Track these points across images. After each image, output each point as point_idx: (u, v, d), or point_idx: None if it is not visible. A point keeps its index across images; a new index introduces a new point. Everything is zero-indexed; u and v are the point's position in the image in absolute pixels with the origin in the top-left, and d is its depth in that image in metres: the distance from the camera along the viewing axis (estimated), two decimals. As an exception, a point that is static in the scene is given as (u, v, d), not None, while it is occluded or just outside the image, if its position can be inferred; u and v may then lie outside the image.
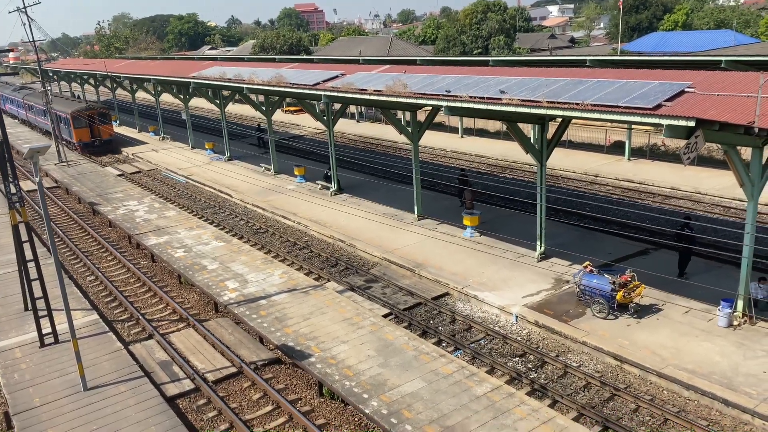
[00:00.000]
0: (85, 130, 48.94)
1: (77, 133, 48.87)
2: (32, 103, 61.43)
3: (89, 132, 49.01)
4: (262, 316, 19.61)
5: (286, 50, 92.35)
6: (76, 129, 48.69)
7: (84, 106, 49.71)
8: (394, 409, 14.43)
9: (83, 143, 49.31)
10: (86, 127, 48.76)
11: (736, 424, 13.94)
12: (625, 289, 17.99)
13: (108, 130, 49.98)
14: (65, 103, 53.54)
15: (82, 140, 49.04)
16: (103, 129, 49.23)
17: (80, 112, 48.48)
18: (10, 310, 21.02)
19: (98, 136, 49.38)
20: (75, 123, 48.43)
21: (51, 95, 52.20)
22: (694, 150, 14.67)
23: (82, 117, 48.37)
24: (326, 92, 26.95)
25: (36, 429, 14.51)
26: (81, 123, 48.56)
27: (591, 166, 35.91)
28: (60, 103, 52.98)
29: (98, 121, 48.47)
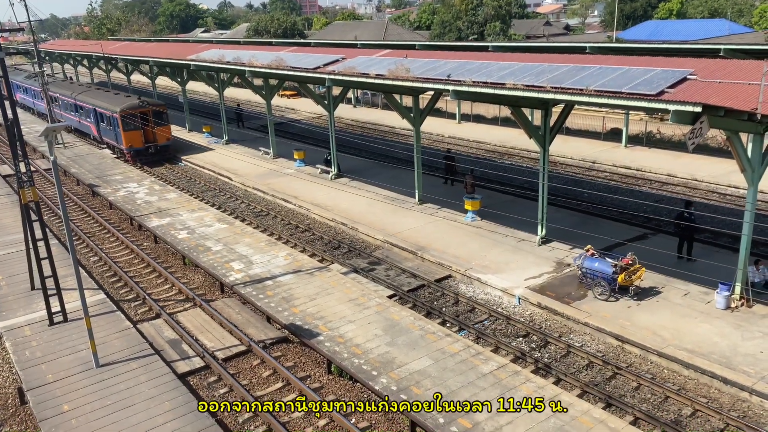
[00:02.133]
0: (137, 134, 38.80)
1: (127, 138, 38.54)
2: (57, 93, 50.30)
3: (142, 136, 39.10)
4: (269, 296, 19.88)
5: (281, 34, 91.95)
6: (126, 132, 38.33)
7: (136, 103, 38.73)
8: (403, 385, 14.79)
9: (134, 150, 39.15)
10: (138, 129, 38.68)
11: (734, 401, 14.43)
12: (626, 272, 18.40)
13: (165, 132, 39.85)
14: (109, 97, 42.15)
15: (132, 146, 38.84)
16: (159, 132, 39.39)
17: (131, 110, 38.18)
18: (16, 290, 21.16)
19: (153, 140, 39.59)
20: (125, 124, 38.07)
21: (87, 85, 48.06)
22: (699, 135, 15.00)
23: (133, 117, 38.20)
24: (330, 76, 27.04)
25: (51, 404, 14.76)
26: (132, 124, 38.39)
27: (588, 153, 36.30)
28: (102, 98, 42.37)
29: (153, 122, 38.94)
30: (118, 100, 40.28)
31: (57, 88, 51.51)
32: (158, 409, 14.38)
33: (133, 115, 38.20)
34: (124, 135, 38.45)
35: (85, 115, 44.91)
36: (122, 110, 37.98)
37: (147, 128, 38.86)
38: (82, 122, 46.29)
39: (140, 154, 39.57)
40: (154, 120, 38.82)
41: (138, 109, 38.33)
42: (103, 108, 40.52)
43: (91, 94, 44.52)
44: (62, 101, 49.31)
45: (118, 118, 38.00)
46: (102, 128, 42.10)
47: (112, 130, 39.93)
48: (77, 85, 51.26)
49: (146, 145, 39.39)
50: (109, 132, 41.01)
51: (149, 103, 39.24)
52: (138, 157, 39.55)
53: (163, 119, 39.20)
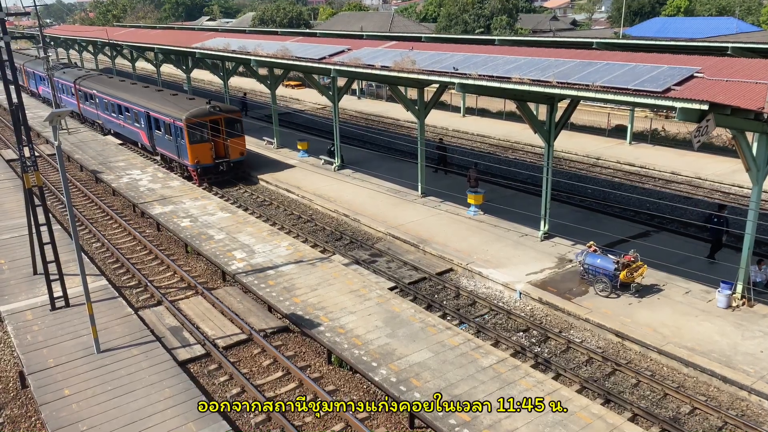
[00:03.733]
0: (205, 147, 31.00)
1: (194, 152, 30.75)
2: (93, 90, 42.69)
3: (212, 149, 31.26)
4: (271, 285, 19.92)
5: (287, 24, 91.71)
6: (193, 145, 30.62)
7: (205, 109, 31.01)
8: (402, 377, 14.83)
9: (203, 167, 31.30)
10: (208, 141, 30.95)
11: (733, 400, 14.45)
12: (628, 269, 18.40)
13: (239, 145, 32.19)
14: (168, 98, 34.58)
15: (200, 162, 31.01)
16: (232, 145, 31.71)
17: (200, 117, 30.60)
18: (18, 274, 21.22)
19: (225, 155, 31.83)
20: (191, 135, 30.44)
21: (133, 82, 41.26)
22: (705, 133, 14.95)
23: (202, 126, 30.58)
24: (335, 66, 26.97)
25: (52, 388, 14.82)
26: (200, 135, 30.78)
27: (593, 149, 36.22)
28: (159, 99, 34.78)
29: (225, 132, 31.40)
30: (181, 103, 33.00)
31: (93, 82, 44.52)
32: (158, 395, 14.44)
33: (201, 124, 30.52)
34: (190, 148, 30.62)
35: (131, 119, 37.61)
36: (189, 117, 30.27)
37: (218, 140, 31.32)
38: (126, 126, 39.07)
39: (209, 172, 31.73)
40: (227, 130, 31.27)
41: (208, 116, 30.77)
42: (161, 112, 32.88)
43: (143, 94, 37.52)
44: (100, 99, 42.39)
45: (183, 127, 30.26)
46: (157, 137, 34.58)
47: (173, 141, 32.08)
48: (119, 81, 43.81)
49: (216, 162, 31.61)
50: (167, 143, 33.08)
51: (221, 109, 31.63)
52: (206, 175, 31.83)
53: (236, 129, 31.80)
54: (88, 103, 45.14)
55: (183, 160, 31.82)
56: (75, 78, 47.01)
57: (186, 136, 30.37)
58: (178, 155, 32.29)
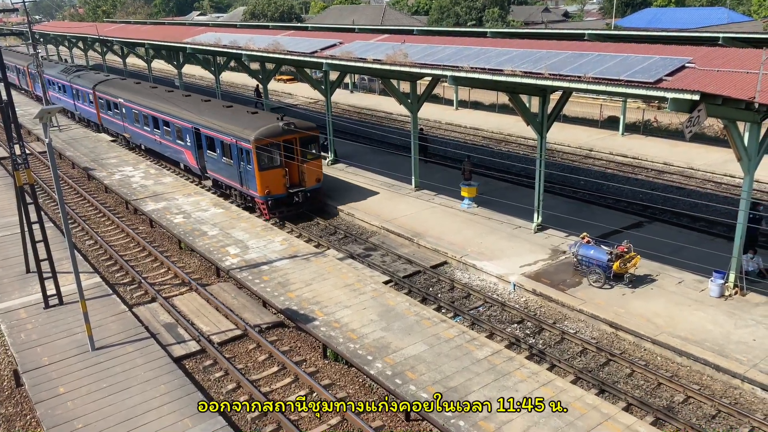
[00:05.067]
0: (277, 174, 25.08)
1: (264, 180, 24.84)
2: (120, 98, 36.91)
3: (285, 176, 25.35)
4: (265, 281, 19.91)
5: (278, 18, 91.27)
6: (263, 172, 24.78)
7: (278, 127, 25.00)
8: (398, 370, 14.87)
9: (274, 198, 25.36)
10: (280, 166, 25.10)
11: (726, 388, 14.56)
12: (622, 259, 18.47)
13: (316, 170, 26.30)
14: (223, 112, 28.49)
15: (271, 192, 25.09)
16: (308, 169, 25.87)
17: (272, 137, 24.62)
18: (11, 272, 21.12)
19: (300, 183, 25.95)
20: (261, 159, 24.65)
21: (169, 90, 35.33)
22: (696, 124, 14.99)
23: (274, 147, 24.74)
24: (327, 60, 26.88)
25: (46, 386, 14.79)
26: (271, 159, 24.95)
27: (585, 141, 36.28)
28: (212, 112, 28.61)
29: (301, 153, 25.48)
30: (244, 118, 26.68)
31: (117, 89, 38.38)
32: (154, 392, 14.43)
33: (273, 145, 24.55)
34: (259, 176, 24.58)
35: (172, 135, 31.34)
36: (259, 137, 24.26)
37: (292, 164, 25.56)
38: (163, 143, 32.85)
39: (280, 205, 25.72)
40: (302, 151, 25.46)
41: (281, 135, 24.69)
42: (219, 130, 26.52)
43: (188, 105, 30.77)
44: (128, 109, 36.26)
45: (252, 150, 24.19)
46: (210, 160, 28.33)
47: (234, 165, 26.02)
48: (150, 87, 37.48)
49: (291, 191, 25.53)
50: (225, 168, 27.03)
51: (296, 126, 25.38)
52: (277, 209, 25.76)
53: (314, 147, 26.16)
54: (111, 113, 39.15)
55: (249, 189, 25.49)
56: (94, 83, 40.84)
57: (255, 160, 24.28)
58: (241, 183, 25.96)
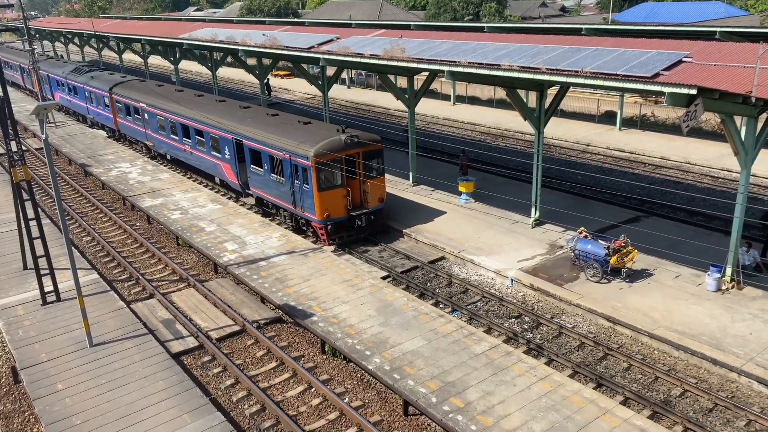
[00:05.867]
0: (338, 195, 21.90)
1: (324, 201, 21.61)
2: (142, 102, 33.77)
3: (347, 197, 22.16)
4: (263, 276, 19.91)
5: (274, 13, 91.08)
6: (323, 192, 21.57)
7: (339, 140, 21.71)
8: (396, 365, 14.89)
9: (333, 223, 22.16)
10: (341, 186, 21.97)
11: (723, 382, 14.62)
12: (619, 254, 18.51)
13: (379, 188, 22.95)
14: (271, 121, 25.20)
15: (330, 215, 21.83)
16: (372, 187, 22.60)
17: (334, 151, 21.48)
18: (8, 269, 21.09)
19: (362, 204, 22.83)
20: (321, 178, 21.48)
21: (199, 95, 31.85)
22: (693, 118, 15.01)
23: (335, 163, 21.63)
24: (324, 55, 26.82)
25: (45, 383, 14.78)
26: (332, 178, 21.79)
27: (583, 135, 36.29)
28: (259, 122, 25.18)
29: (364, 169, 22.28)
30: (297, 129, 23.45)
31: (137, 92, 35.18)
32: (152, 388, 14.44)
33: (335, 162, 21.55)
34: (318, 197, 21.45)
35: (206, 146, 28.12)
36: (320, 153, 21.12)
37: (354, 182, 22.32)
38: (195, 154, 29.57)
39: (341, 229, 22.56)
40: (365, 166, 22.27)
41: (344, 150, 21.67)
42: (268, 143, 23.34)
43: (225, 112, 27.63)
44: (151, 115, 33.29)
45: (311, 167, 21.16)
46: (254, 176, 24.94)
47: (287, 184, 22.72)
48: (175, 90, 33.92)
49: (353, 214, 22.36)
50: (274, 186, 23.69)
51: (360, 139, 22.11)
52: (337, 233, 22.48)
53: (377, 159, 22.84)
54: (130, 118, 36.19)
55: (305, 212, 22.34)
56: (110, 85, 37.93)
57: (314, 179, 21.17)
58: (294, 204, 22.76)
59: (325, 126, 24.42)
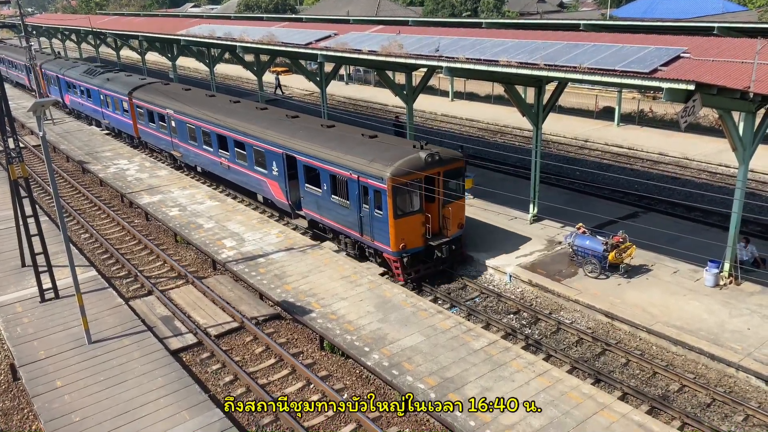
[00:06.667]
0: (415, 222, 19.00)
1: (399, 230, 18.67)
2: (168, 109, 30.57)
3: (425, 224, 19.22)
4: (261, 273, 19.91)
5: (272, 9, 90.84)
6: (399, 219, 18.62)
7: (419, 159, 18.73)
8: (395, 361, 14.91)
9: (410, 254, 19.19)
10: (419, 212, 19.02)
11: (721, 377, 14.66)
12: (617, 249, 18.53)
13: (459, 213, 20.03)
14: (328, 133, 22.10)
15: (407, 246, 18.93)
16: (453, 211, 19.62)
17: (412, 172, 18.41)
18: (6, 266, 21.07)
19: (441, 231, 19.83)
20: (397, 205, 18.50)
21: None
22: (691, 114, 15.00)
23: (414, 186, 18.62)
24: (321, 52, 26.78)
25: (43, 380, 14.78)
26: (409, 203, 18.86)
27: (581, 131, 36.29)
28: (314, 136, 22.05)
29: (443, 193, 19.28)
30: (365, 144, 20.29)
31: (161, 96, 32.15)
32: (151, 384, 14.44)
33: (414, 183, 18.55)
34: (393, 225, 18.51)
35: (248, 159, 24.98)
36: (397, 174, 18.17)
37: (432, 206, 19.41)
38: (233, 168, 26.46)
39: (417, 261, 19.60)
40: (446, 186, 19.33)
41: (424, 170, 18.63)
42: (328, 159, 20.36)
43: (271, 122, 24.53)
44: (179, 123, 30.00)
45: (387, 191, 18.22)
46: (308, 196, 22.02)
47: (352, 208, 19.81)
48: (206, 96, 30.68)
49: (430, 243, 19.37)
50: (337, 210, 20.65)
51: (441, 156, 19.08)
52: (413, 266, 19.48)
53: (457, 186, 19.81)
54: (153, 125, 33.06)
55: (375, 241, 19.37)
56: (130, 89, 34.94)
57: (390, 204, 18.26)
58: (361, 231, 19.79)
59: (396, 141, 21.45)
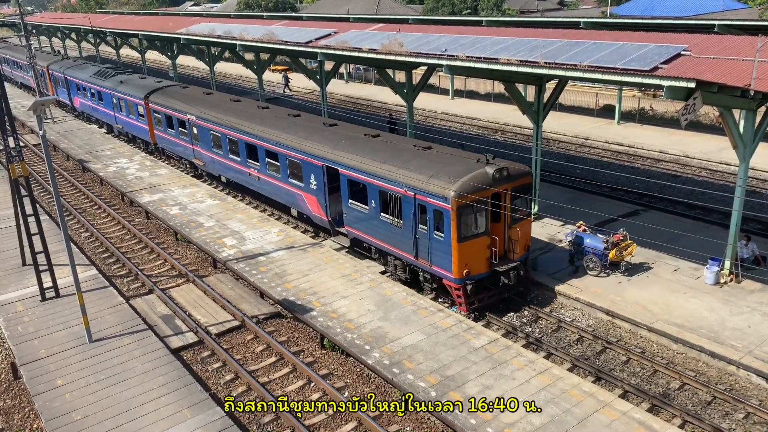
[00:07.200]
0: (480, 245, 17.15)
1: (463, 254, 16.73)
2: (189, 115, 28.71)
3: (490, 247, 17.37)
4: (262, 272, 19.91)
5: (272, 7, 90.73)
6: (463, 243, 16.68)
7: (486, 174, 16.83)
8: (395, 359, 14.92)
9: (474, 280, 17.28)
10: (485, 234, 17.18)
11: (722, 374, 14.67)
12: (618, 247, 18.53)
13: (527, 233, 18.33)
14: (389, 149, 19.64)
15: (470, 272, 17.03)
16: (520, 232, 17.82)
17: (479, 190, 16.51)
18: (7, 265, 21.07)
19: (507, 254, 18.05)
20: (462, 227, 16.59)
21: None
22: (692, 111, 15.00)
23: (480, 205, 16.75)
24: (322, 50, 26.76)
25: (44, 379, 14.79)
26: (474, 225, 16.93)
27: (581, 129, 36.27)
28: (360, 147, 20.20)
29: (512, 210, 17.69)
30: (421, 157, 18.41)
31: (180, 101, 30.15)
32: (152, 383, 14.45)
33: (481, 202, 16.77)
34: (457, 249, 16.68)
35: (282, 170, 23.29)
36: (463, 192, 16.28)
37: (497, 227, 17.60)
38: (263, 179, 24.76)
39: (481, 288, 17.81)
40: (513, 204, 17.67)
41: (491, 187, 16.85)
42: (378, 174, 18.62)
43: (306, 130, 22.71)
44: (201, 130, 28.16)
45: (451, 211, 16.36)
46: (355, 213, 20.13)
47: (407, 229, 18.02)
48: (230, 101, 28.62)
49: (495, 268, 17.49)
50: (387, 229, 18.91)
51: (510, 171, 17.31)
52: (477, 295, 17.62)
53: (524, 203, 18.08)
54: (172, 131, 31.20)
55: (433, 266, 17.61)
56: (147, 92, 33.10)
57: (454, 226, 16.45)
58: (416, 255, 18.04)
59: (455, 154, 18.93)
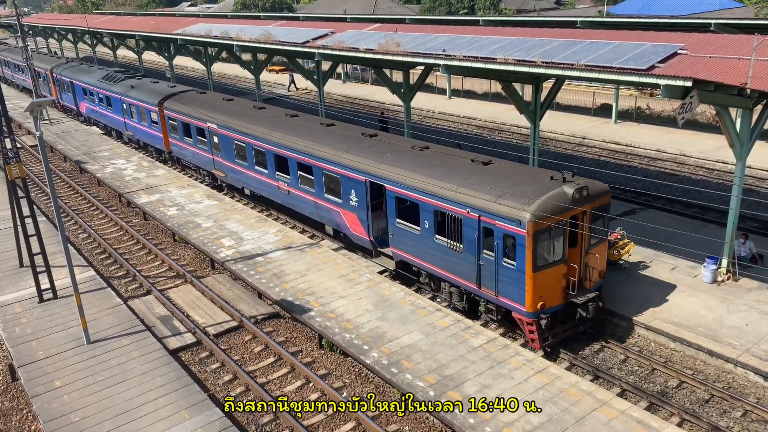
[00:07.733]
0: (556, 274, 15.23)
1: (539, 285, 14.82)
2: (210, 123, 26.77)
3: (566, 276, 15.45)
4: (260, 272, 19.90)
5: (269, 8, 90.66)
6: (539, 272, 14.74)
7: (566, 195, 14.88)
8: (394, 359, 14.92)
9: (549, 313, 15.19)
10: (562, 261, 15.31)
11: (720, 373, 14.70)
12: (615, 246, 18.55)
13: (603, 258, 16.30)
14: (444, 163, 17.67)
15: (545, 304, 15.00)
16: (597, 257, 15.97)
17: (556, 213, 14.52)
18: (5, 267, 21.03)
19: (583, 284, 15.85)
20: (538, 254, 14.66)
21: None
22: (689, 110, 15.02)
23: (558, 231, 14.83)
24: (319, 50, 26.76)
25: (42, 380, 14.77)
26: (550, 252, 15.07)
27: (578, 128, 36.32)
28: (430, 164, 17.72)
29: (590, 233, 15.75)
30: (484, 173, 16.65)
31: (200, 108, 28.33)
32: (150, 384, 14.44)
33: (560, 226, 14.99)
34: (532, 279, 14.85)
35: (317, 185, 21.47)
36: (540, 216, 14.44)
37: (573, 252, 15.77)
38: (294, 193, 23.00)
39: (557, 322, 15.90)
40: (591, 227, 15.85)
41: (569, 209, 15.08)
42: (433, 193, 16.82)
43: (344, 140, 20.85)
44: (223, 139, 26.31)
45: (525, 236, 14.54)
46: (403, 233, 18.36)
47: (469, 255, 16.18)
48: (255, 108, 26.76)
49: (571, 300, 15.65)
50: (443, 253, 17.01)
51: (590, 191, 15.56)
52: (552, 329, 15.71)
53: (601, 226, 16.29)
54: (189, 140, 29.46)
55: (500, 297, 15.75)
56: (161, 98, 31.23)
57: (529, 254, 14.67)
58: (480, 284, 16.19)
59: (522, 170, 16.90)
